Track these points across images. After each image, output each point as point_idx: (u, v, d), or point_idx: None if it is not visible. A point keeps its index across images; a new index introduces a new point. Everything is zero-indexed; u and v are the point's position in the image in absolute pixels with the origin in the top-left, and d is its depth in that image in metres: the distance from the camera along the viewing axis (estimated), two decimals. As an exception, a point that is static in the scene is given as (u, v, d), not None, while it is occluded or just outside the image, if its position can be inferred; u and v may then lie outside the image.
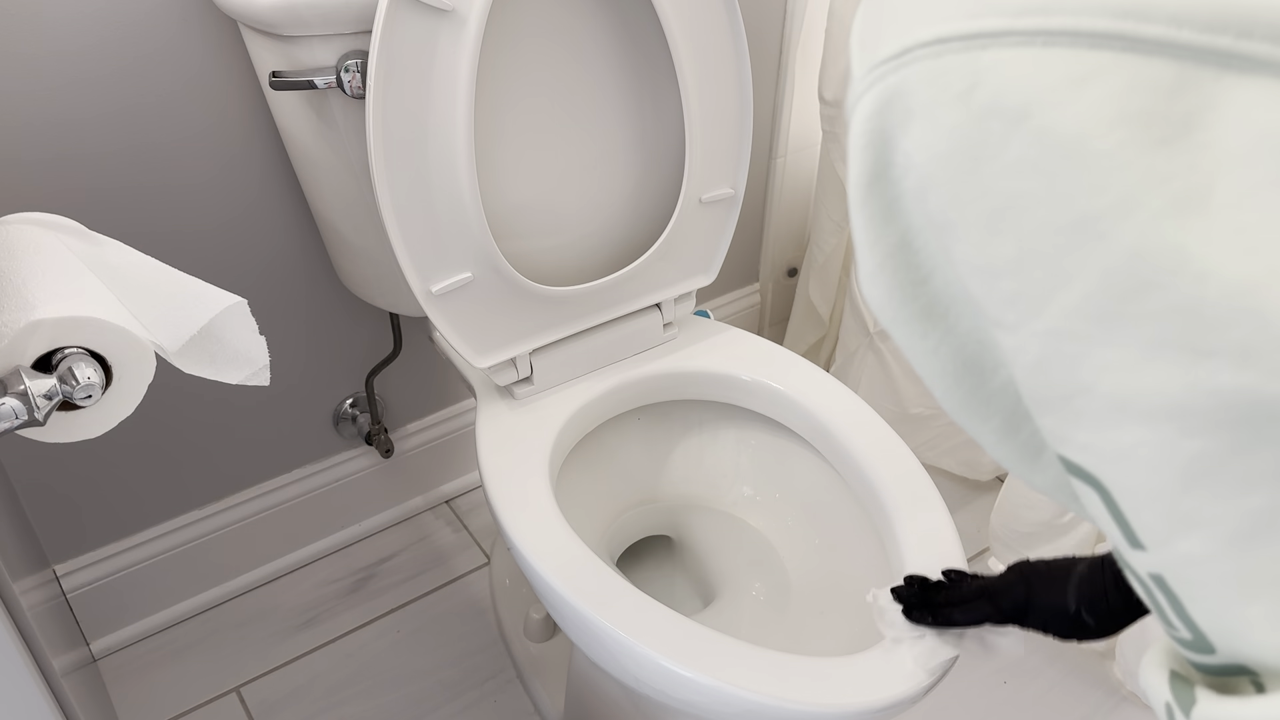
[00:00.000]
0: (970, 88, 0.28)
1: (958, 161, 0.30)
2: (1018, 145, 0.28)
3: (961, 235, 0.31)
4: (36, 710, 0.56)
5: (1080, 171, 0.27)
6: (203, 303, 0.54)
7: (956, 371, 0.36)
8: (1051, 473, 0.36)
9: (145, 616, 1.26)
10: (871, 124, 0.31)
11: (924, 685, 0.71)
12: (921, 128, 0.30)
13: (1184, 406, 0.27)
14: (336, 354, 1.24)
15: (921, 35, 0.29)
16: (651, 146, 0.97)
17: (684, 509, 1.09)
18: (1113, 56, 0.26)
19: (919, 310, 0.35)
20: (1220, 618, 0.31)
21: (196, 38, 0.95)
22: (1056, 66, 0.27)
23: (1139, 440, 0.29)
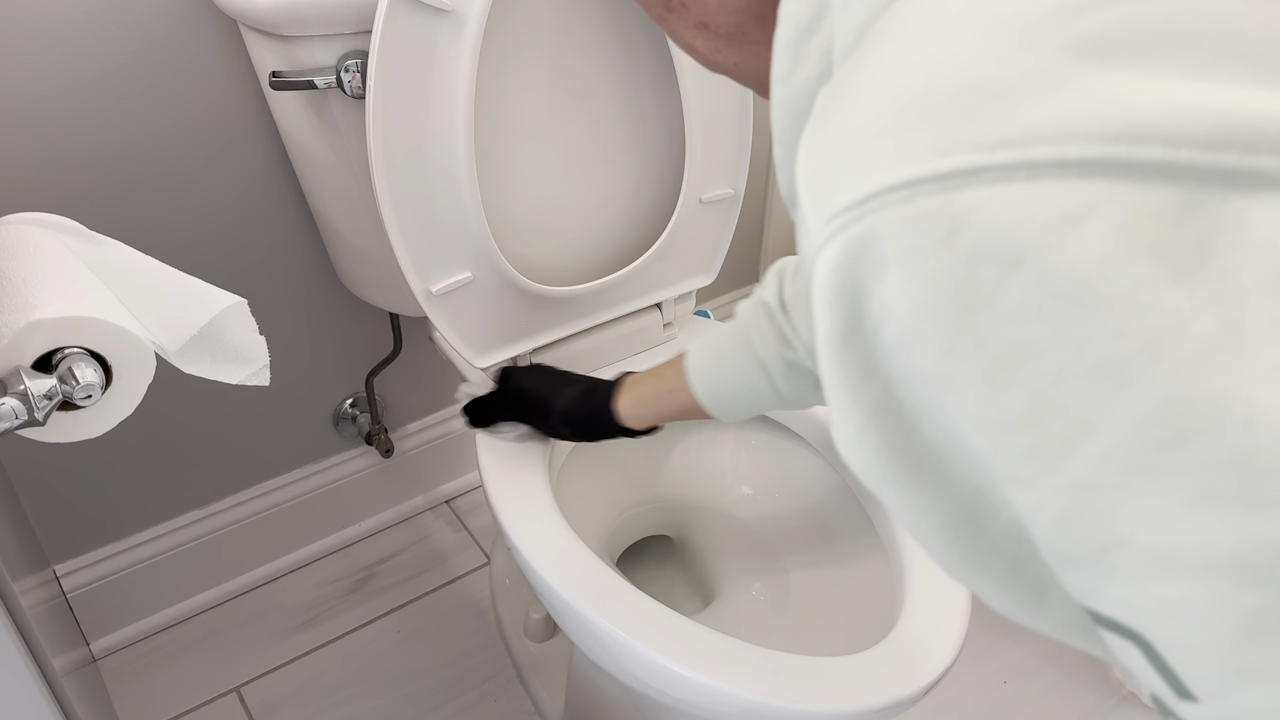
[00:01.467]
0: (951, 231, 0.26)
1: (947, 311, 0.27)
2: (1017, 291, 0.25)
3: (960, 389, 0.28)
4: (36, 710, 0.56)
5: (1094, 315, 0.24)
6: (203, 302, 0.54)
7: (956, 524, 0.33)
8: (1060, 613, 0.33)
9: (145, 616, 1.26)
10: (838, 276, 0.28)
11: (924, 685, 0.71)
12: (899, 277, 0.27)
13: (1239, 559, 0.25)
14: (336, 354, 1.24)
15: (885, 179, 0.26)
16: (651, 146, 0.97)
17: (684, 509, 1.09)
18: (1107, 185, 0.24)
19: (909, 466, 0.32)
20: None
21: (196, 38, 0.95)
22: (1047, 202, 0.24)
23: (1187, 595, 0.26)
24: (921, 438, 0.31)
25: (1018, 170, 0.25)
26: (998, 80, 0.26)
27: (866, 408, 0.31)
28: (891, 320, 0.28)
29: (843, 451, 0.33)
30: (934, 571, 0.79)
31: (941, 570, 0.40)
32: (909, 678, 0.71)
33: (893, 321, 0.28)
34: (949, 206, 0.25)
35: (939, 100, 0.26)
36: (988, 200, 0.25)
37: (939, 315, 0.27)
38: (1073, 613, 0.32)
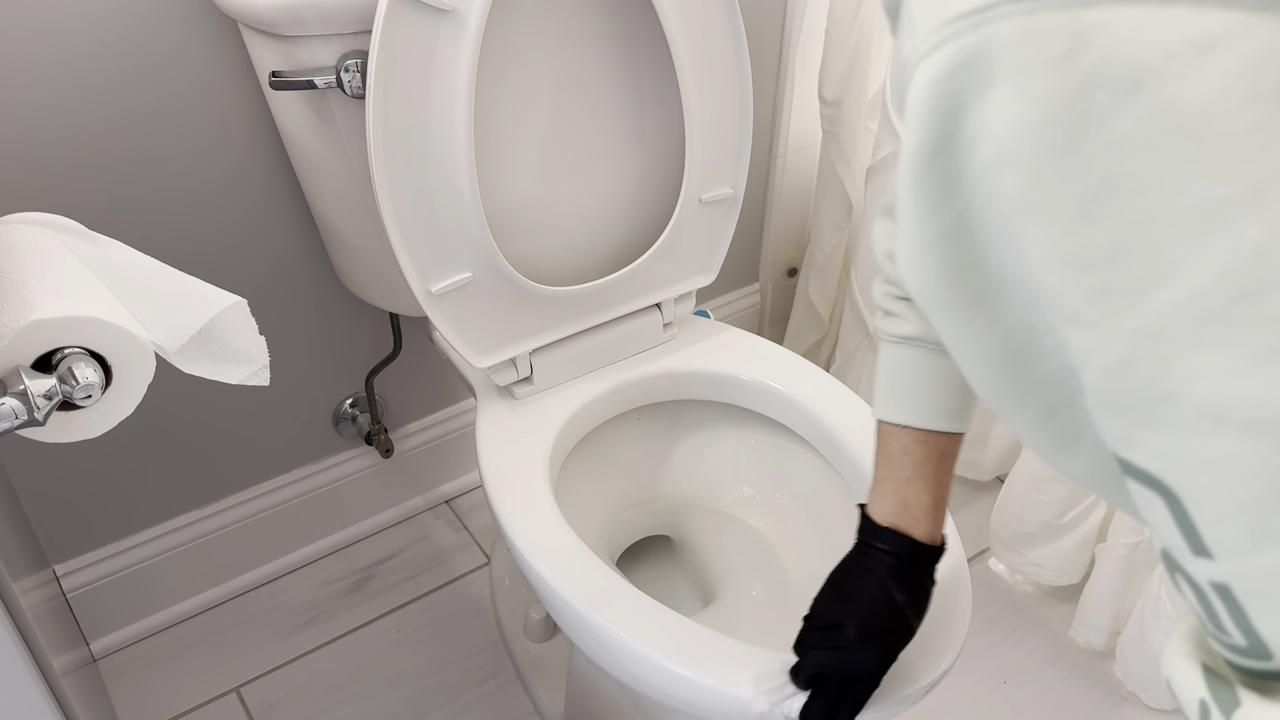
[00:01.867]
0: (1071, 51, 0.24)
1: (1050, 136, 0.26)
2: (1128, 120, 0.24)
3: (1044, 220, 0.27)
4: (36, 710, 0.56)
5: (1204, 154, 0.24)
6: (203, 302, 0.54)
7: (1001, 360, 0.33)
8: (1086, 460, 0.34)
9: (145, 616, 1.26)
10: (940, 88, 0.27)
11: (923, 685, 0.71)
12: (1007, 95, 0.26)
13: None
14: (336, 354, 1.24)
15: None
16: (651, 146, 0.97)
17: (684, 509, 1.09)
18: (1244, 17, 0.23)
19: (967, 296, 0.31)
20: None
21: (196, 38, 0.95)
22: (1177, 29, 0.23)
23: (1233, 451, 0.26)
24: (985, 270, 0.30)
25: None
26: None
27: (938, 230, 0.30)
28: (987, 141, 0.27)
29: (904, 269, 0.32)
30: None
31: (978, 397, 0.42)
32: (909, 677, 0.71)
33: (988, 143, 0.27)
34: (1074, 24, 0.24)
35: None
36: (1116, 20, 0.24)
37: (1040, 139, 0.26)
38: (1098, 461, 0.32)
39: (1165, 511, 0.29)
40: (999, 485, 1.40)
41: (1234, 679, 0.32)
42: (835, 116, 1.31)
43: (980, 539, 1.38)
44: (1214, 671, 0.32)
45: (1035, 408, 0.34)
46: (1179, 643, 0.34)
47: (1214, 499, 0.28)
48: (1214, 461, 0.27)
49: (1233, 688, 0.31)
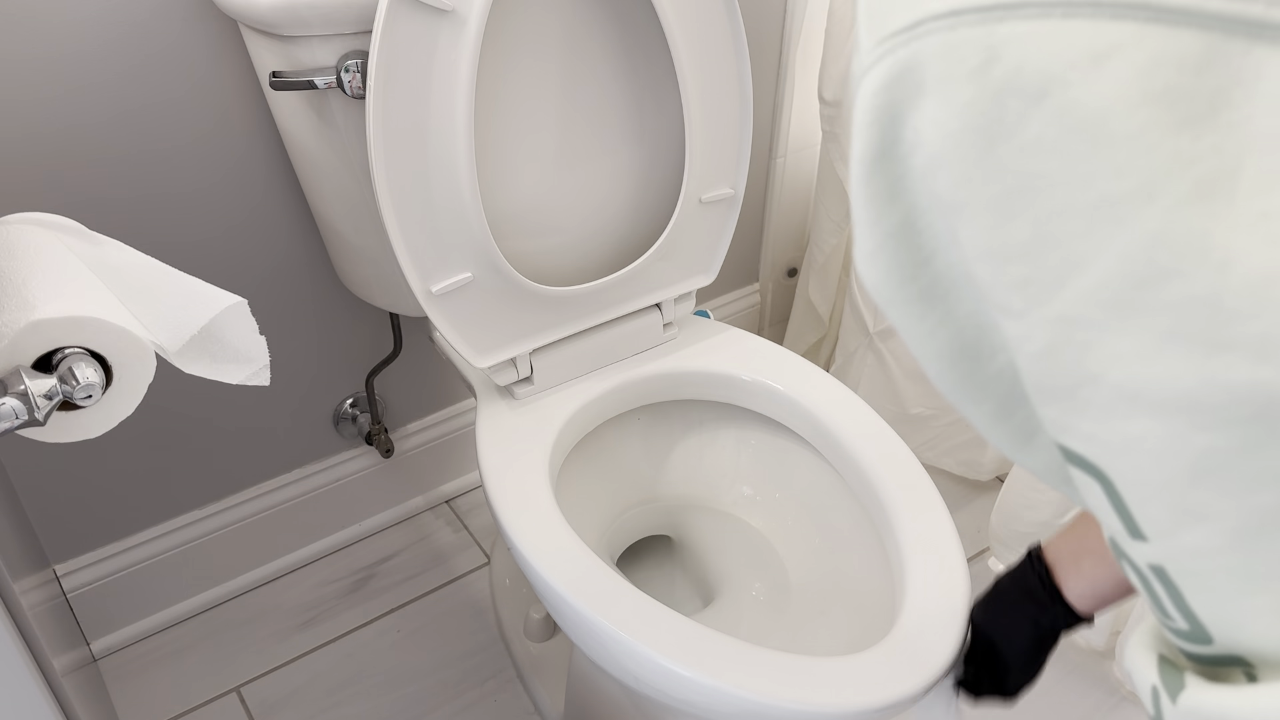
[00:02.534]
0: (986, 62, 0.27)
1: (971, 140, 0.28)
2: (1036, 124, 0.27)
3: (971, 217, 0.29)
4: (36, 710, 0.56)
5: (1102, 153, 0.26)
6: (203, 302, 0.54)
7: (953, 355, 0.35)
8: (1044, 456, 0.36)
9: (145, 616, 1.26)
10: (880, 98, 0.30)
11: (924, 685, 0.71)
12: (934, 103, 0.28)
13: (1197, 400, 0.27)
14: (336, 354, 1.24)
15: (935, 7, 0.28)
16: (651, 146, 0.97)
17: (684, 509, 1.09)
18: (1136, 28, 0.25)
19: (918, 292, 0.34)
20: (1221, 610, 0.31)
21: (196, 38, 0.95)
22: (1077, 40, 0.26)
23: (1147, 432, 0.28)
24: (934, 269, 0.33)
25: (1055, 7, 0.26)
26: None
27: (886, 230, 0.33)
28: (922, 146, 0.29)
29: (860, 268, 0.35)
30: (934, 571, 0.79)
31: (941, 394, 0.45)
32: (909, 677, 0.71)
33: (923, 148, 0.29)
34: (988, 37, 0.27)
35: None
36: (1023, 35, 0.26)
37: (963, 143, 0.28)
38: (1055, 457, 0.34)
39: (1103, 496, 0.31)
40: (999, 485, 1.40)
41: (1184, 666, 0.33)
42: (835, 116, 1.31)
43: (980, 539, 1.38)
44: (1167, 660, 0.34)
45: (991, 403, 0.36)
46: (1140, 635, 0.36)
47: (1140, 480, 0.29)
48: (1135, 442, 0.29)
49: (1181, 673, 0.33)
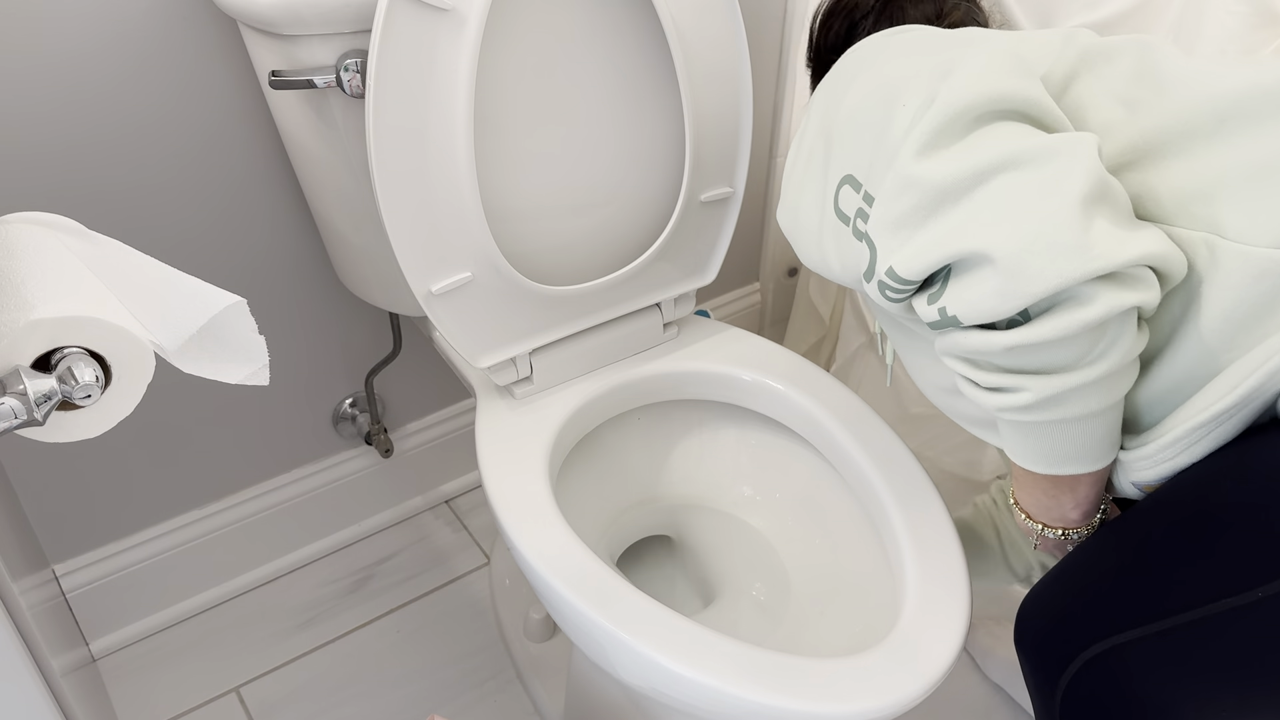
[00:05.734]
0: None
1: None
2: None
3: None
4: (36, 710, 0.56)
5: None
6: (202, 302, 0.53)
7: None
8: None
9: (145, 616, 1.26)
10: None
11: (925, 685, 0.71)
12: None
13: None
14: (336, 354, 1.24)
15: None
16: (651, 146, 0.97)
17: (684, 509, 1.09)
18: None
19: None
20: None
21: (196, 37, 0.95)
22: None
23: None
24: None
25: None
26: None
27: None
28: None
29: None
30: (934, 571, 0.79)
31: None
32: (910, 678, 0.71)
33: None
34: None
35: None
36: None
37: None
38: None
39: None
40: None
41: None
42: (835, 116, 1.31)
43: (980, 539, 1.38)
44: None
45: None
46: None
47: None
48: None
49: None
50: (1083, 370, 0.59)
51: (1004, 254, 0.56)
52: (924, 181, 0.60)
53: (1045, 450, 0.66)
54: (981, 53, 0.64)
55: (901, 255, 0.62)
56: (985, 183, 0.58)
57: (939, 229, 0.60)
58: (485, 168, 0.87)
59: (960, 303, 0.60)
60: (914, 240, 0.61)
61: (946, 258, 0.60)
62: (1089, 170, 0.57)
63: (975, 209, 0.58)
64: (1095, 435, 0.64)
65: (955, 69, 0.62)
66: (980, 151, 0.59)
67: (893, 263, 0.63)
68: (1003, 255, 0.56)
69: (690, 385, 1.04)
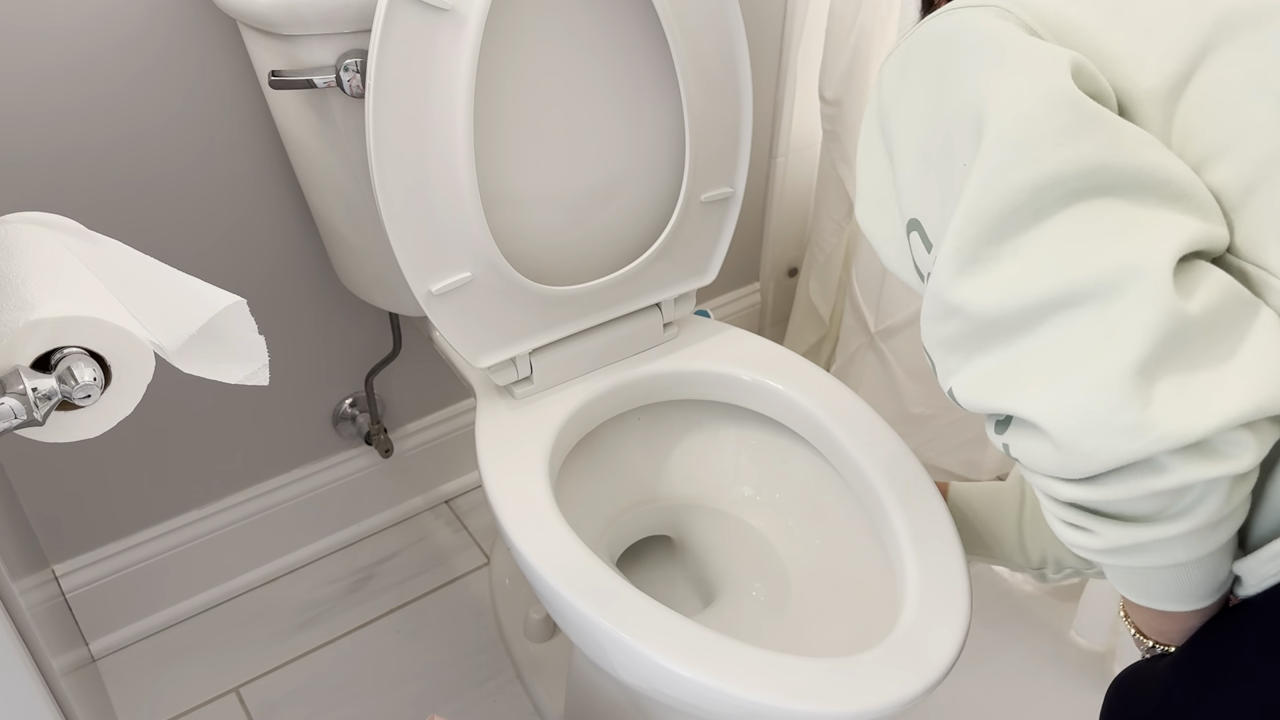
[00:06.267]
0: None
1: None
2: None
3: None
4: (36, 710, 0.56)
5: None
6: (202, 302, 0.53)
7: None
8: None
9: (145, 616, 1.26)
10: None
11: (925, 685, 0.71)
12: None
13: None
14: (336, 354, 1.24)
15: None
16: (651, 146, 0.97)
17: (684, 509, 1.09)
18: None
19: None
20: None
21: (195, 37, 0.95)
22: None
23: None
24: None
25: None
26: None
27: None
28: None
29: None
30: (935, 571, 0.79)
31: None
32: (910, 678, 0.71)
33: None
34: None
35: None
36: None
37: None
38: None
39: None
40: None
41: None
42: (836, 116, 1.31)
43: (980, 539, 1.38)
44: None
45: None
46: None
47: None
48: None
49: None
50: (1162, 525, 0.51)
51: (1054, 429, 0.49)
52: (966, 311, 0.51)
53: (1136, 588, 0.58)
54: (1018, 95, 0.50)
55: (958, 382, 0.54)
56: (1039, 324, 0.49)
57: (991, 366, 0.51)
58: (485, 167, 0.87)
59: (1021, 453, 0.53)
60: (967, 369, 0.53)
61: (999, 409, 0.51)
62: (1156, 320, 0.46)
63: (1026, 359, 0.50)
64: (1192, 581, 0.55)
65: (987, 122, 0.50)
66: (1033, 281, 0.49)
67: (952, 385, 0.55)
68: (1053, 430, 0.49)
69: (690, 385, 1.04)
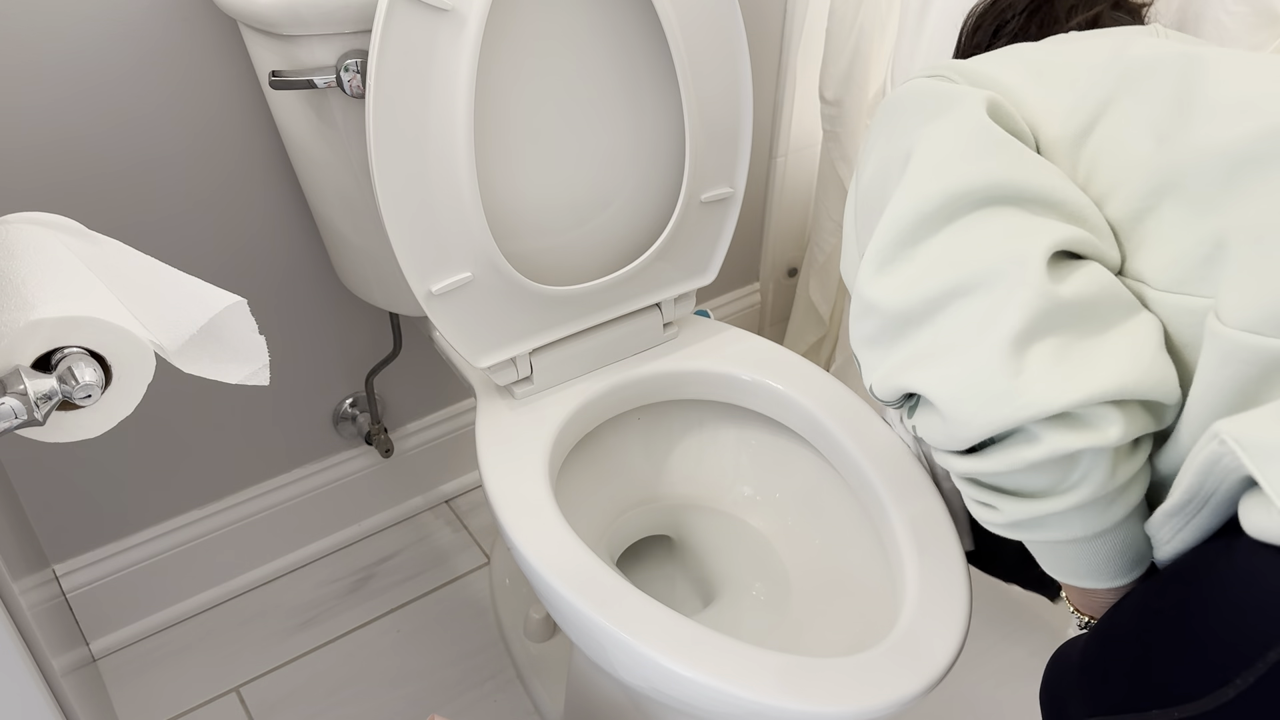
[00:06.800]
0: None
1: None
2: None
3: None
4: (36, 710, 0.56)
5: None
6: (202, 302, 0.53)
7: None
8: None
9: (145, 616, 1.26)
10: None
11: (925, 685, 0.71)
12: None
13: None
14: (336, 354, 1.24)
15: None
16: (651, 146, 0.97)
17: (684, 509, 1.09)
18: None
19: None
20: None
21: (196, 38, 0.95)
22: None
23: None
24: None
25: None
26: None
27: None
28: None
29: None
30: (935, 571, 0.79)
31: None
32: (910, 677, 0.71)
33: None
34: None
35: None
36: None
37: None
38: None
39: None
40: (999, 485, 1.40)
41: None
42: (836, 116, 1.31)
43: (980, 539, 1.38)
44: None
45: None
46: None
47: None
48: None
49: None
50: (1055, 499, 0.55)
51: (939, 399, 0.55)
52: (880, 308, 0.58)
53: (1054, 565, 0.62)
54: (941, 129, 0.59)
55: (876, 377, 0.61)
56: (937, 313, 0.56)
57: (901, 356, 0.58)
58: (485, 167, 0.87)
59: (922, 430, 0.60)
60: (884, 364, 0.60)
61: (903, 388, 0.58)
62: (1028, 298, 0.52)
63: (926, 344, 0.56)
64: (1100, 556, 0.59)
65: (912, 155, 0.59)
66: (932, 277, 0.56)
67: (872, 381, 0.62)
68: (939, 400, 0.55)
69: (690, 385, 1.04)
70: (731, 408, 1.05)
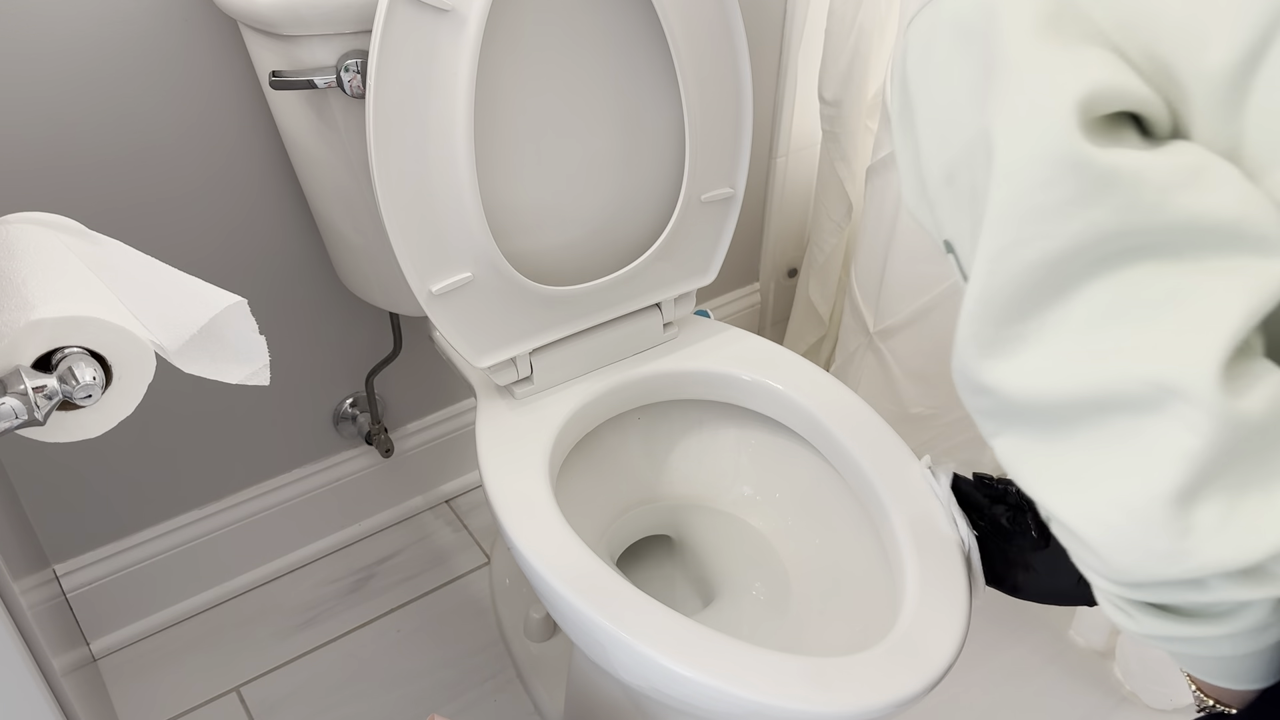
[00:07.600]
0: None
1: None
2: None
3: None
4: (36, 710, 0.56)
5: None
6: (203, 302, 0.54)
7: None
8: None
9: (145, 616, 1.26)
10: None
11: (925, 685, 0.71)
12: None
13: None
14: (336, 354, 1.24)
15: None
16: (651, 146, 0.97)
17: (684, 509, 1.09)
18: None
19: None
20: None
21: (196, 38, 0.95)
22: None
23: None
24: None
25: None
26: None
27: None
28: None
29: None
30: (935, 571, 0.79)
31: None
32: (910, 677, 0.71)
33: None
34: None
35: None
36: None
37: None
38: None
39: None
40: (999, 485, 1.40)
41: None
42: (835, 116, 1.31)
43: (980, 539, 1.38)
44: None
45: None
46: None
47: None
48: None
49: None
50: (1203, 625, 0.46)
51: (1088, 538, 0.43)
52: (997, 394, 0.44)
53: (1187, 665, 0.54)
54: (1024, 148, 0.40)
55: (998, 446, 0.47)
56: (1070, 424, 0.42)
57: (1026, 447, 0.45)
58: (485, 168, 0.87)
59: (1064, 542, 0.47)
60: (1004, 438, 0.46)
61: (1036, 498, 0.46)
62: (1200, 426, 0.37)
63: (1060, 455, 0.43)
64: (1243, 667, 0.51)
65: (990, 189, 0.41)
66: (1061, 373, 0.41)
67: (994, 446, 0.48)
68: (1087, 540, 0.43)
69: (690, 385, 1.04)
70: (731, 408, 1.05)
